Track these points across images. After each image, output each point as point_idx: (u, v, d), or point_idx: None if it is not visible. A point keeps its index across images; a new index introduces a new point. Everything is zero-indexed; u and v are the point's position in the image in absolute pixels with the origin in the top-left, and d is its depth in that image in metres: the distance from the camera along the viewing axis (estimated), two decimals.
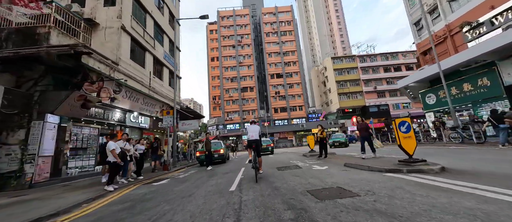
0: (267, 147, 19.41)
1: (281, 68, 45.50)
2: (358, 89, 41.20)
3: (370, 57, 42.78)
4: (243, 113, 43.30)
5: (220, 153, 11.84)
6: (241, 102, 43.47)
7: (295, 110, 43.57)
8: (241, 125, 42.26)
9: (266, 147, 19.07)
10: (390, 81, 41.58)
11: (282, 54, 46.21)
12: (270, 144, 20.04)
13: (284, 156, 13.82)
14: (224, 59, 46.41)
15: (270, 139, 21.75)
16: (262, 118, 42.32)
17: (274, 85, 44.75)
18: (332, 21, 75.99)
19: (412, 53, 42.82)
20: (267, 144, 19.78)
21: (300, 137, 41.45)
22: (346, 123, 40.45)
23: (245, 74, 45.35)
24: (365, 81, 41.50)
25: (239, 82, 44.52)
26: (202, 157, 11.16)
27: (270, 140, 21.45)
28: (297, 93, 44.25)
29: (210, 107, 47.79)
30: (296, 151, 18.77)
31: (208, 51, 51.14)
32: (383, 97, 41.09)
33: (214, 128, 43.36)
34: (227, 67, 45.87)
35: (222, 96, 43.87)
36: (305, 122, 42.07)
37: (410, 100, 21.29)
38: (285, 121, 42.75)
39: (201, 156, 11.33)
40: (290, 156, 12.56)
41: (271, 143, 20.37)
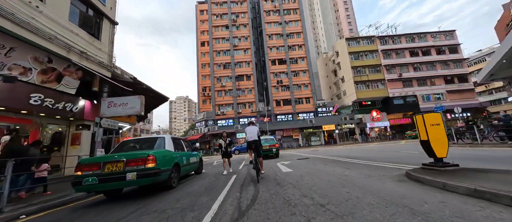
0: (270, 148, 12.56)
1: (284, 52, 37.81)
2: (379, 77, 33.62)
3: (393, 38, 35.23)
4: (238, 106, 35.54)
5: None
6: (235, 92, 35.70)
7: (301, 103, 35.90)
8: (235, 121, 34.54)
9: (268, 149, 12.46)
10: (418, 67, 34.08)
11: (286, 36, 38.52)
12: (275, 144, 13.12)
13: (308, 166, 5.86)
14: (216, 42, 38.60)
15: (273, 137, 13.87)
16: (261, 112, 34.60)
17: (275, 72, 37.04)
18: (339, 8, 68.50)
19: (444, 34, 35.35)
20: (270, 144, 12.78)
21: (307, 135, 33.78)
22: (364, 119, 32.86)
23: (240, 59, 37.59)
24: (388, 67, 33.94)
25: (233, 69, 36.75)
26: None
27: (273, 139, 13.97)
28: (303, 82, 36.58)
29: (199, 100, 40.03)
30: (313, 155, 11.07)
31: (197, 35, 43.38)
32: (409, 87, 33.56)
33: (202, 125, 35.54)
34: (218, 51, 38.06)
35: (213, 85, 36.05)
36: (314, 117, 34.41)
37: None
38: (289, 116, 35.08)
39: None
40: (325, 170, 4.66)
41: (276, 144, 12.90)
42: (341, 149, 15.45)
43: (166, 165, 4.55)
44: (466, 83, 33.40)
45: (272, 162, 9.59)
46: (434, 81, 33.53)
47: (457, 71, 33.78)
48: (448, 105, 32.11)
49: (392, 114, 33.12)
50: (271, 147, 13.03)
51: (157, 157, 4.23)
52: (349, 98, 35.35)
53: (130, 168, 4.00)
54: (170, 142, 5.46)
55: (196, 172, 7.43)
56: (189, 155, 6.47)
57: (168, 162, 4.67)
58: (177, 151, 5.61)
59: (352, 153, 10.67)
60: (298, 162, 8.36)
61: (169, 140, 5.50)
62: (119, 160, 4.07)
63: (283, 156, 13.43)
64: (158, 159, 4.24)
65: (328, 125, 33.03)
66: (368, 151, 11.65)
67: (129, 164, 4.04)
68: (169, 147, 5.27)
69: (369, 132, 31.80)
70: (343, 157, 9.02)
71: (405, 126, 33.78)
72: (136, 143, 5.51)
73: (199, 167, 7.61)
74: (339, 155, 10.23)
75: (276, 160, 10.28)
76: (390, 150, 11.23)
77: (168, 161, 4.70)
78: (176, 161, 5.09)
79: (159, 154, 4.44)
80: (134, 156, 4.20)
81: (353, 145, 21.85)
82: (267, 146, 13.14)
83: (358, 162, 6.82)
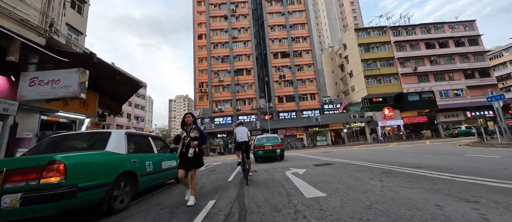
0: (273, 148, 10.15)
1: (287, 45, 34.92)
2: (392, 71, 30.61)
3: (407, 29, 32.19)
4: (237, 103, 32.69)
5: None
6: (234, 88, 32.86)
7: (305, 99, 32.98)
8: (234, 118, 31.70)
9: (271, 149, 10.10)
10: (435, 60, 31.02)
11: (289, 27, 35.62)
12: (279, 144, 10.41)
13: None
14: (213, 33, 35.79)
15: (277, 135, 10.89)
16: (262, 110, 31.75)
17: (278, 66, 34.15)
18: (344, 1, 65.47)
19: (462, 24, 32.28)
20: (273, 143, 10.31)
21: (313, 134, 30.86)
22: (375, 116, 29.88)
23: (240, 52, 34.75)
24: (401, 60, 30.91)
25: (232, 62, 33.91)
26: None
27: (277, 137, 11.19)
28: (308, 77, 33.65)
29: (196, 96, 37.16)
30: (332, 158, 8.09)
31: (194, 27, 40.54)
32: (425, 82, 30.51)
33: (198, 123, 32.67)
34: (216, 43, 35.23)
35: (210, 79, 33.24)
36: (320, 115, 31.47)
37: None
38: (292, 114, 32.17)
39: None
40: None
41: (280, 143, 10.57)
42: (360, 151, 12.53)
43: (97, 177, 2.79)
44: (488, 77, 30.30)
45: (277, 168, 6.76)
46: (452, 76, 30.47)
47: (478, 64, 30.69)
48: (468, 102, 29.12)
49: (406, 112, 30.13)
50: (274, 148, 10.21)
51: (68, 164, 2.48)
52: (358, 94, 32.37)
53: (12, 185, 2.31)
54: (120, 140, 3.52)
55: (176, 179, 5.61)
56: (159, 158, 4.51)
57: (103, 172, 2.92)
58: (137, 154, 3.84)
59: (387, 157, 7.78)
60: (319, 171, 5.46)
61: (117, 137, 3.52)
62: None
63: (289, 158, 10.54)
64: (72, 169, 2.50)
65: (335, 124, 30.09)
66: (405, 154, 8.74)
67: (12, 178, 2.34)
68: (116, 147, 3.37)
69: (389, 130, 28.85)
70: (382, 163, 6.13)
71: (420, 125, 30.78)
72: (66, 140, 3.56)
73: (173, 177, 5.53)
74: (370, 160, 7.35)
75: (282, 165, 7.44)
76: (438, 152, 8.32)
77: (103, 170, 2.94)
78: (129, 168, 3.36)
79: (76, 160, 2.63)
80: (22, 163, 2.48)
81: (368, 146, 18.90)
82: (270, 146, 10.34)
83: (432, 174, 3.92)
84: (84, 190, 2.54)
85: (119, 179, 3.09)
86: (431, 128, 30.28)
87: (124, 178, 3.22)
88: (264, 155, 10.00)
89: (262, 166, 8.20)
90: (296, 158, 10.46)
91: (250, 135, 23.30)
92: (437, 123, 29.92)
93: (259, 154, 9.86)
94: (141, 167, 3.70)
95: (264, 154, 9.97)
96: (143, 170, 3.75)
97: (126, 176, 3.27)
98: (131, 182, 3.39)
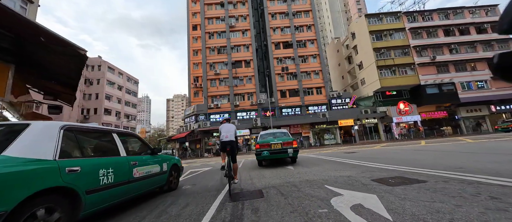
0: (282, 148, 7.13)
1: (290, 34, 31.76)
2: (408, 61, 27.49)
3: (423, 14, 29.06)
4: (236, 98, 29.53)
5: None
6: (232, 81, 29.68)
7: (311, 94, 29.86)
8: (232, 115, 28.56)
9: (281, 149, 7.11)
10: (455, 48, 27.91)
11: (292, 15, 32.45)
12: (291, 141, 7.34)
13: None
14: (208, 22, 32.59)
15: (286, 131, 7.46)
16: (263, 105, 28.61)
17: (280, 58, 31.00)
18: None
19: (484, 9, 29.18)
20: (283, 141, 7.30)
21: (320, 132, 27.73)
22: (390, 112, 26.79)
23: (238, 42, 31.56)
24: (418, 48, 27.79)
25: (229, 54, 30.72)
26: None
27: (287, 133, 8.49)
28: (313, 69, 30.51)
29: (191, 92, 34.05)
30: (376, 163, 4.78)
31: (188, 17, 37.47)
32: (445, 72, 27.41)
33: (192, 120, 29.56)
34: (212, 33, 32.03)
35: (205, 72, 30.06)
36: (327, 110, 28.34)
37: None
38: (297, 110, 29.03)
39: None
40: None
41: (293, 141, 7.45)
42: (390, 151, 9.38)
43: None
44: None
45: (298, 183, 3.71)
46: (475, 66, 27.39)
47: None
48: (493, 95, 26.06)
49: (424, 106, 27.04)
50: (285, 147, 7.07)
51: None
52: (369, 87, 29.25)
53: None
54: (43, 137, 2.18)
55: (162, 188, 4.36)
56: (127, 163, 3.10)
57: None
58: (82, 158, 2.47)
59: (462, 160, 4.59)
60: (427, 206, 2.19)
61: (40, 132, 2.19)
62: None
63: (303, 161, 7.34)
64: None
65: (344, 120, 26.96)
66: (477, 155, 5.57)
67: None
68: (34, 148, 2.04)
69: (420, 126, 25.82)
70: (491, 174, 2.93)
71: (439, 121, 27.68)
72: None
73: (168, 180, 4.38)
74: (444, 167, 4.15)
75: (304, 177, 4.30)
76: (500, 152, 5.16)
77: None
78: (56, 184, 2.04)
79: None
80: None
81: (391, 144, 15.75)
82: (278, 145, 7.25)
83: None
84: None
85: (32, 202, 1.83)
86: (451, 125, 27.21)
87: (49, 199, 1.98)
88: (271, 156, 6.94)
89: (269, 175, 5.09)
90: (315, 162, 7.30)
91: (250, 133, 19.19)
92: (458, 119, 26.84)
93: (263, 155, 6.93)
94: (89, 178, 2.41)
95: (271, 156, 6.91)
96: (93, 183, 2.44)
97: (53, 196, 2.03)
98: (65, 205, 2.11)
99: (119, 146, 3.18)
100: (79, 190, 2.23)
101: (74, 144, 2.53)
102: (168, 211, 2.95)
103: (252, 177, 5.21)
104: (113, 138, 3.19)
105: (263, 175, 5.36)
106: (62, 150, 2.25)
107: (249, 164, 8.89)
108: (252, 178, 5.08)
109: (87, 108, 34.21)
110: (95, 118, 34.02)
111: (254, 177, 5.28)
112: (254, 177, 5.29)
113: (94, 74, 35.72)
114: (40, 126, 2.23)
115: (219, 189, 4.18)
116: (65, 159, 2.23)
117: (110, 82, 37.10)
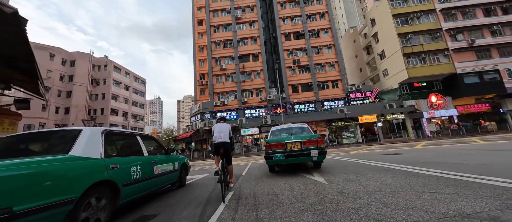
0: (303, 149, 4.71)
1: (301, 23, 29.09)
2: (440, 46, 23.85)
3: None
4: (243, 94, 27.40)
5: None
6: (239, 77, 27.58)
7: (326, 88, 27.03)
8: (240, 113, 26.48)
9: (301, 151, 4.67)
10: (498, 30, 23.82)
11: (303, 2, 29.75)
12: (314, 139, 4.84)
13: None
14: (213, 15, 30.74)
15: (306, 125, 4.82)
16: (273, 101, 26.25)
17: (290, 49, 28.44)
18: None
19: None
20: (303, 139, 4.84)
21: (337, 130, 24.86)
22: (419, 105, 23.37)
23: (245, 35, 29.41)
24: (452, 32, 24.04)
25: (235, 47, 28.65)
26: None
27: (308, 129, 6.06)
28: (328, 61, 27.63)
29: (196, 90, 32.46)
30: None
31: (193, 12, 35.92)
32: (487, 58, 23.44)
33: (198, 119, 27.83)
34: (217, 26, 30.13)
35: (210, 68, 28.22)
36: (345, 105, 25.38)
37: None
38: (310, 106, 26.32)
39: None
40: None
41: (318, 139, 4.88)
42: (452, 151, 6.67)
43: (51, 193, 1.87)
44: None
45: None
46: None
47: None
48: None
49: (460, 99, 23.30)
50: (306, 147, 4.72)
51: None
52: (393, 79, 25.86)
53: None
54: (93, 140, 2.64)
55: (174, 185, 4.84)
56: (150, 162, 3.57)
57: (62, 186, 1.98)
58: (115, 158, 2.86)
59: None
60: None
61: (89, 136, 2.62)
62: None
63: (334, 167, 4.87)
64: (5, 184, 1.62)
65: (365, 116, 23.88)
66: None
67: None
68: (88, 149, 2.49)
69: (456, 122, 22.31)
70: None
71: (479, 116, 23.74)
72: (18, 142, 2.69)
73: (180, 177, 4.86)
74: None
75: (347, 202, 1.76)
76: None
77: (63, 182, 2.00)
78: (104, 178, 2.47)
79: (13, 172, 1.70)
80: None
81: (431, 142, 12.76)
82: (297, 145, 4.83)
83: None
84: (26, 216, 1.65)
85: (89, 192, 2.26)
86: (494, 119, 23.18)
87: (98, 190, 2.40)
88: (287, 161, 4.87)
89: (288, 198, 2.72)
90: (352, 168, 4.83)
91: (260, 132, 15.92)
92: (504, 112, 22.77)
93: (276, 160, 4.91)
94: (125, 174, 2.86)
95: (286, 160, 4.84)
96: (128, 178, 2.90)
97: (101, 188, 2.45)
98: (109, 195, 2.57)
99: (142, 147, 3.63)
100: (118, 183, 2.68)
101: (111, 146, 3.02)
102: None
103: (258, 204, 2.89)
104: (137, 140, 3.65)
105: (278, 198, 3.04)
106: (105, 151, 2.71)
107: (255, 171, 6.58)
108: (258, 206, 2.77)
109: (94, 108, 33.66)
110: (102, 119, 33.38)
111: (261, 202, 2.97)
112: (261, 202, 2.98)
113: (101, 74, 35.18)
114: (89, 131, 2.69)
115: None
116: (107, 158, 2.69)
117: (117, 82, 36.44)
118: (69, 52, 32.77)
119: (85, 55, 33.82)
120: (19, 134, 2.79)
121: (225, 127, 4.10)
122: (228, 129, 4.11)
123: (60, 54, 31.12)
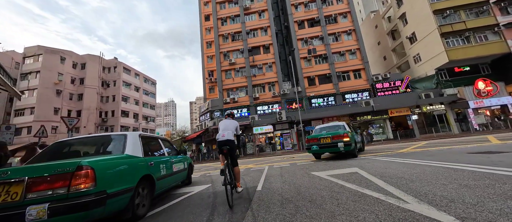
0: (332, 142, 5.96)
1: (316, 9, 26.36)
2: (487, 22, 19.99)
3: None
4: (254, 89, 25.27)
5: None
6: (249, 71, 25.49)
7: (347, 79, 24.08)
8: (251, 109, 24.38)
9: (331, 143, 6.04)
10: None
11: None
12: (341, 134, 5.84)
13: None
14: (220, 7, 28.98)
15: (342, 124, 6.39)
16: (287, 96, 23.83)
17: (305, 38, 25.81)
18: None
19: None
20: (332, 134, 6.11)
21: (361, 125, 21.87)
22: (462, 94, 19.73)
23: (254, 26, 27.26)
24: (501, 4, 20.04)
25: (245, 40, 26.60)
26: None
27: (343, 126, 6.83)
28: (348, 48, 24.64)
29: (205, 88, 30.85)
30: None
31: (200, 6, 34.40)
32: None
33: (207, 118, 26.15)
34: (224, 18, 28.30)
35: (218, 63, 26.43)
36: (371, 97, 22.29)
37: None
38: (330, 99, 23.52)
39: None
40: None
41: (344, 134, 5.85)
42: None
43: (122, 182, 2.53)
44: None
45: None
46: None
47: None
48: None
49: None
50: (334, 140, 5.67)
51: (97, 169, 2.22)
52: (428, 64, 22.28)
53: (36, 195, 1.99)
54: (136, 142, 3.31)
55: (184, 182, 5.44)
56: (170, 160, 4.26)
57: (126, 177, 2.65)
58: (150, 157, 3.50)
59: None
60: None
61: (133, 139, 3.32)
62: (10, 181, 2.01)
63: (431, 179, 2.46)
64: (101, 174, 2.24)
65: (396, 108, 20.67)
66: None
67: (35, 186, 2.02)
68: (134, 150, 3.15)
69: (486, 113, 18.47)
70: None
71: None
72: (78, 145, 3.41)
73: (188, 175, 5.54)
74: None
75: None
76: None
77: (127, 174, 2.68)
78: (147, 172, 3.11)
79: (104, 164, 2.37)
80: (47, 170, 2.09)
81: (502, 136, 9.70)
82: (328, 139, 6.01)
83: None
84: (112, 197, 2.29)
85: (139, 183, 2.91)
86: None
87: (143, 182, 3.04)
88: (321, 151, 6.45)
89: None
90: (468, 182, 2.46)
91: (274, 130, 13.65)
92: None
93: (313, 149, 6.57)
94: (157, 170, 3.53)
95: (320, 150, 6.40)
96: (159, 173, 3.56)
97: (145, 180, 3.09)
98: (149, 187, 3.21)
99: (163, 148, 4.35)
100: (155, 177, 3.29)
101: (145, 147, 3.50)
102: None
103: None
104: (159, 142, 4.36)
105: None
106: (145, 150, 3.39)
107: (278, 183, 4.25)
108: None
109: (105, 110, 33.41)
110: (113, 121, 33.02)
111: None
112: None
113: (111, 76, 34.93)
114: (131, 135, 3.36)
115: None
116: (146, 157, 3.32)
117: (127, 83, 36.04)
118: (80, 55, 32.76)
119: (95, 57, 33.68)
120: (81, 137, 3.55)
121: (231, 124, 3.77)
122: (234, 126, 3.76)
123: (70, 57, 31.11)
